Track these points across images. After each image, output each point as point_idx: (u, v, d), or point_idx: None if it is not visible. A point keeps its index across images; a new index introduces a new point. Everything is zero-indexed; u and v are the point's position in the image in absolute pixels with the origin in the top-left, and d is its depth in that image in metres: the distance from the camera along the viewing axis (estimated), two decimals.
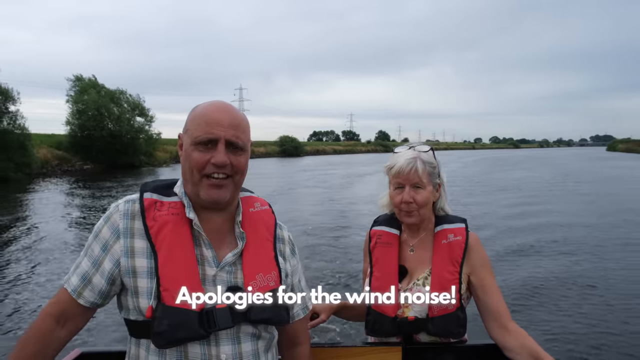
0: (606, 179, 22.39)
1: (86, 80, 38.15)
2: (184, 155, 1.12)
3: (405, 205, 1.50)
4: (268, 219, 1.24)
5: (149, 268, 1.07)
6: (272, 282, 1.15)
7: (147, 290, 1.06)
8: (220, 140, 1.08)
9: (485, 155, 68.91)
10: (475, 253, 1.50)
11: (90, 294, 1.10)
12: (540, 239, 8.37)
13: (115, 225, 1.10)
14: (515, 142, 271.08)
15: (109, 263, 1.09)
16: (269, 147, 65.56)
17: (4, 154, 23.57)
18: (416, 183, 1.49)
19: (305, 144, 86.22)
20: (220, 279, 1.10)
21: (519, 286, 5.71)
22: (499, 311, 1.44)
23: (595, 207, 12.57)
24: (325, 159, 55.58)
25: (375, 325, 1.53)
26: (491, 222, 10.18)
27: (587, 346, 4.15)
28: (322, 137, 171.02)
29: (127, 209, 1.11)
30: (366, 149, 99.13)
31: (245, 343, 1.11)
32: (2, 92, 25.31)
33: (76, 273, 1.12)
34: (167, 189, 1.16)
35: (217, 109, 1.11)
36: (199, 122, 1.09)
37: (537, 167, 33.64)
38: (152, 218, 1.09)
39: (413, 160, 1.49)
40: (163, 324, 1.02)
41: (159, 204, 1.12)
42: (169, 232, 1.08)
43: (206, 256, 1.11)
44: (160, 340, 1.03)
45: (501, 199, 14.60)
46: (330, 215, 11.51)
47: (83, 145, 33.65)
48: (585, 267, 6.62)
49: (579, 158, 52.38)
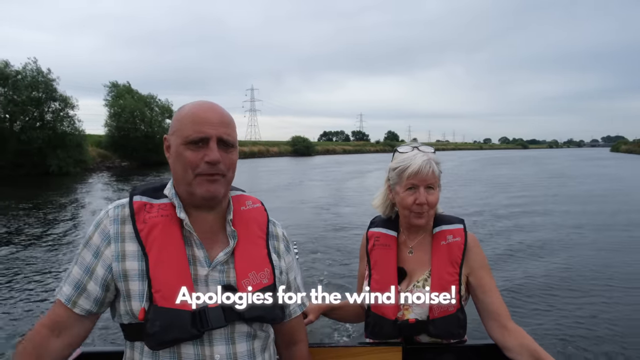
0: (571, 176, 25.69)
1: (121, 86, 42.85)
2: (174, 156, 1.12)
3: (418, 207, 1.48)
4: (260, 216, 1.24)
5: (139, 270, 1.07)
6: (265, 280, 1.15)
7: (139, 293, 1.06)
8: (212, 138, 1.09)
9: (487, 156, 71.82)
10: (474, 254, 1.50)
11: (85, 302, 1.09)
12: (529, 239, 8.63)
13: (105, 231, 1.10)
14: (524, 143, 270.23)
15: (102, 269, 1.08)
16: (282, 147, 69.20)
17: (65, 152, 28.43)
18: (431, 184, 1.49)
19: (316, 143, 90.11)
20: (212, 279, 1.10)
21: (519, 286, 5.78)
22: (498, 311, 1.44)
23: (557, 201, 14.23)
24: (334, 158, 59.03)
25: (376, 328, 1.52)
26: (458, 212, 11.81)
27: (586, 345, 4.17)
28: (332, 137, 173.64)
29: (116, 214, 1.11)
30: (375, 149, 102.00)
31: (240, 343, 1.11)
32: (63, 99, 30.15)
33: (68, 282, 1.11)
34: (156, 192, 1.16)
35: (205, 108, 1.12)
36: (188, 122, 1.10)
37: (523, 166, 37.17)
38: (142, 221, 1.10)
39: (428, 162, 1.48)
40: (155, 325, 1.03)
41: (148, 206, 1.12)
42: (159, 233, 1.09)
43: (198, 256, 1.11)
44: (152, 341, 1.03)
45: (477, 190, 17.54)
46: (329, 213, 12.02)
47: (120, 145, 38.13)
48: (585, 267, 6.73)
49: (574, 158, 55.06)
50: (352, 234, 9.03)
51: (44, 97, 29.39)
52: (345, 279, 6.10)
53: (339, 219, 11.03)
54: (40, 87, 29.13)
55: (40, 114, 29.49)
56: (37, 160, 27.57)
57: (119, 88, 42.45)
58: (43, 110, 29.63)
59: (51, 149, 28.01)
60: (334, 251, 7.76)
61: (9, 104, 28.09)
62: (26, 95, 28.27)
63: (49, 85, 29.59)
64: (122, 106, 39.42)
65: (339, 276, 6.29)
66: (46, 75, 29.72)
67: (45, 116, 29.68)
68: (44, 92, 29.36)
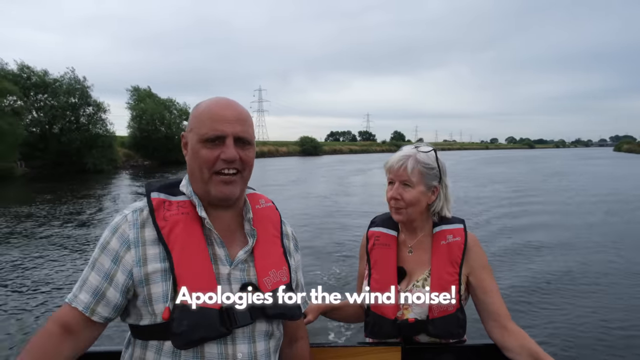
0: (558, 173, 27.47)
1: (142, 90, 46.24)
2: (191, 154, 1.11)
3: (394, 202, 1.50)
4: (274, 215, 1.26)
5: (163, 270, 1.06)
6: (284, 278, 1.17)
7: (163, 293, 1.05)
8: (229, 136, 1.08)
9: (489, 155, 74.19)
10: (474, 254, 1.50)
11: (104, 309, 1.07)
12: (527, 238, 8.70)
13: (124, 236, 1.08)
14: (531, 143, 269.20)
15: (122, 275, 1.06)
16: (291, 147, 72.21)
17: (99, 152, 32.11)
18: (405, 181, 1.48)
19: (323, 144, 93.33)
20: (234, 277, 1.11)
21: (518, 286, 5.82)
22: (498, 311, 1.44)
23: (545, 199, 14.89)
24: (341, 158, 61.84)
25: (375, 328, 1.53)
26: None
27: (586, 346, 4.19)
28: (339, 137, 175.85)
29: (135, 218, 1.09)
30: (381, 149, 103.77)
31: (259, 342, 1.12)
32: (97, 104, 33.96)
33: (85, 289, 1.08)
34: (172, 188, 1.15)
35: (222, 106, 1.11)
36: (205, 120, 1.09)
37: (517, 165, 39.71)
38: (162, 218, 1.09)
39: (405, 158, 1.49)
40: (183, 325, 1.02)
41: (167, 204, 1.11)
42: (181, 231, 1.08)
43: (219, 255, 1.11)
44: (179, 340, 1.03)
45: (463, 185, 18.99)
46: (329, 213, 12.17)
47: (142, 145, 41.42)
48: (584, 266, 6.77)
49: (571, 158, 56.65)
50: (353, 233, 9.10)
51: (79, 103, 33.10)
52: (345, 279, 6.15)
53: (339, 219, 11.18)
54: (77, 93, 32.82)
55: (76, 117, 33.21)
56: (75, 159, 31.25)
57: (140, 92, 45.84)
58: (78, 114, 33.39)
59: (87, 149, 31.73)
60: (334, 251, 7.81)
61: (50, 109, 31.80)
62: (64, 101, 31.94)
63: (85, 92, 33.42)
64: (144, 109, 42.67)
65: (338, 276, 6.33)
66: (82, 82, 33.51)
67: (80, 119, 33.37)
68: (79, 98, 33.04)
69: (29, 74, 32.05)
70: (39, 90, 32.23)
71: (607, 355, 4.05)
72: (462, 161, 47.82)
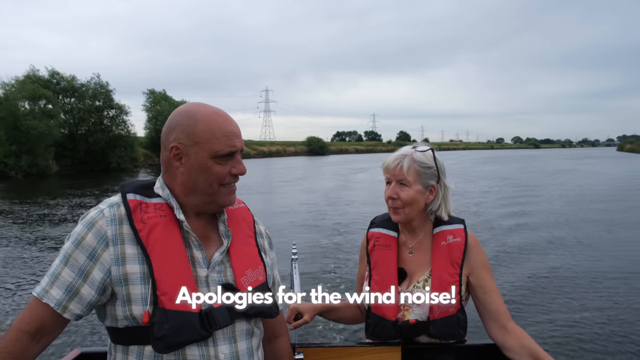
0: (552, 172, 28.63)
1: (158, 93, 49.01)
2: (198, 169, 1.09)
3: (391, 201, 1.51)
4: (247, 215, 1.27)
5: (142, 273, 1.05)
6: (260, 277, 1.18)
7: (142, 296, 1.04)
8: (238, 151, 1.11)
9: (489, 155, 75.04)
10: (475, 254, 1.50)
11: (77, 307, 1.05)
12: (531, 237, 8.76)
13: (102, 232, 1.05)
14: (537, 143, 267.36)
15: (100, 272, 1.04)
16: (298, 147, 74.99)
17: (122, 151, 35.26)
18: (401, 180, 1.48)
19: (330, 144, 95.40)
20: (212, 279, 1.11)
21: (518, 286, 5.84)
22: (498, 311, 1.45)
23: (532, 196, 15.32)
24: (347, 157, 63.50)
25: (376, 329, 1.53)
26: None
27: (586, 345, 4.20)
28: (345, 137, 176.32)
29: (113, 213, 1.07)
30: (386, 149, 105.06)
31: (240, 342, 1.13)
32: (119, 107, 37.12)
33: (57, 285, 1.04)
34: (147, 190, 1.14)
35: (227, 120, 1.12)
36: (217, 135, 1.08)
37: (511, 164, 41.59)
38: (139, 220, 1.07)
39: (401, 157, 1.50)
40: (164, 328, 1.02)
41: (144, 206, 1.09)
42: (160, 234, 1.07)
43: (197, 257, 1.11)
44: (160, 344, 1.02)
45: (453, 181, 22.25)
46: (330, 212, 12.27)
47: (158, 145, 43.66)
48: (584, 266, 6.81)
49: (570, 157, 57.24)
50: (353, 234, 9.13)
51: (103, 105, 36.19)
52: (345, 279, 6.17)
53: (339, 219, 11.22)
54: (101, 97, 35.82)
55: (100, 119, 36.24)
56: (100, 158, 34.28)
57: (156, 95, 48.57)
58: (102, 116, 36.46)
59: (111, 149, 34.70)
60: (334, 251, 7.85)
61: (78, 112, 34.85)
62: (89, 104, 35.00)
63: (108, 95, 36.48)
64: (159, 111, 45.15)
65: (338, 276, 6.36)
66: (105, 86, 36.48)
67: (104, 121, 36.42)
68: (103, 101, 36.03)
69: (58, 79, 35.11)
70: (67, 94, 35.36)
71: (607, 355, 4.06)
72: (462, 160, 49.62)
